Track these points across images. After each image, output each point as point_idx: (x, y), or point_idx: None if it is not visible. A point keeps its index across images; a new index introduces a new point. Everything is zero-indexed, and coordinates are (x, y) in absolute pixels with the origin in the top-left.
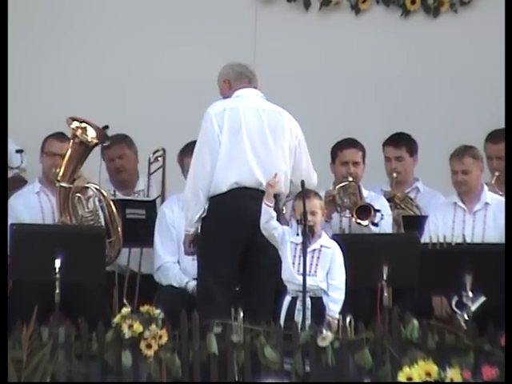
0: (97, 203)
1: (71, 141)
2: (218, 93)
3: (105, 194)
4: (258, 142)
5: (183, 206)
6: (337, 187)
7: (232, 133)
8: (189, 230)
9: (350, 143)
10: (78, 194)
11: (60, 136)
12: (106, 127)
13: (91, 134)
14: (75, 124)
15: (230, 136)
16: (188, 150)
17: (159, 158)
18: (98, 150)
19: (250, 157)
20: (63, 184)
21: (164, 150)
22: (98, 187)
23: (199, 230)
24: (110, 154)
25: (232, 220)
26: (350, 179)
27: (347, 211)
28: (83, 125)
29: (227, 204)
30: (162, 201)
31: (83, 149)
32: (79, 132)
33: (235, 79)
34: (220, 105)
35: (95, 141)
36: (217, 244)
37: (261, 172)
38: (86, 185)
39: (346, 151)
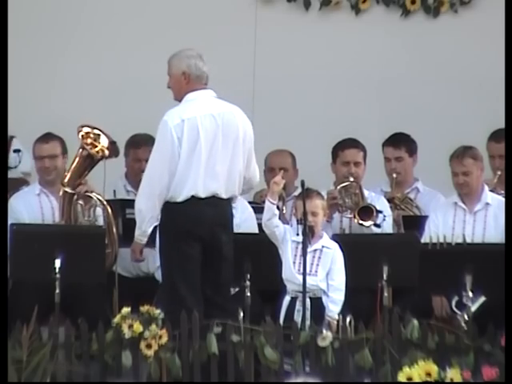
0: (97, 213)
1: (79, 150)
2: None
3: (107, 205)
4: (214, 151)
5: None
6: (338, 187)
7: (190, 146)
8: (142, 240)
9: (352, 143)
10: (80, 202)
11: (46, 137)
12: (113, 143)
13: (103, 142)
14: (85, 130)
15: (189, 149)
16: None
17: None
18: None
19: (205, 169)
20: (67, 189)
21: None
22: (100, 198)
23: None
24: (137, 155)
25: (188, 225)
26: (352, 179)
27: (348, 211)
28: (96, 131)
29: (182, 211)
30: None
31: (89, 161)
32: (88, 142)
33: (196, 78)
34: (177, 115)
35: (105, 153)
36: (177, 250)
37: (216, 182)
38: (90, 194)
39: (347, 151)
